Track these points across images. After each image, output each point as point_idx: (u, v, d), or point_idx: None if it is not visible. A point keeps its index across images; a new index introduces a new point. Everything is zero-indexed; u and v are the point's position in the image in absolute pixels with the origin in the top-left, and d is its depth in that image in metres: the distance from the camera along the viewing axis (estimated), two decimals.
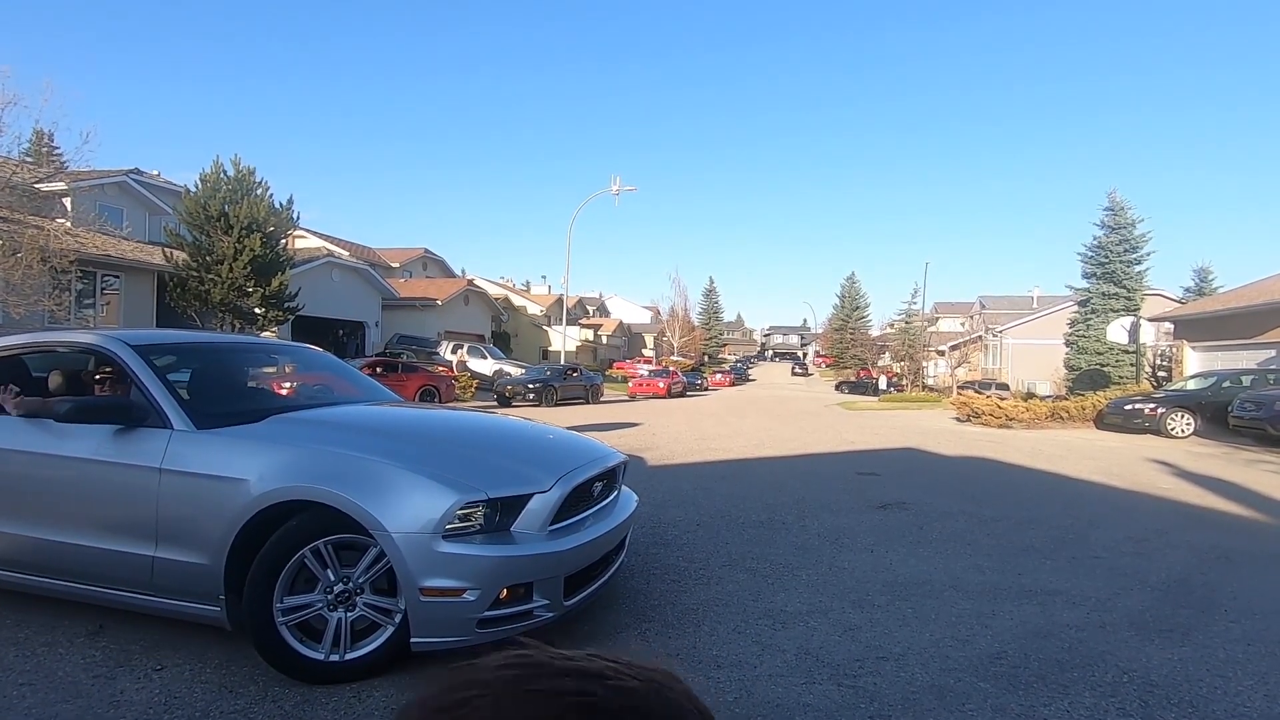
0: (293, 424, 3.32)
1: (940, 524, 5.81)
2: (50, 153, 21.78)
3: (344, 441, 3.05)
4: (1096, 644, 3.29)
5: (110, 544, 2.97)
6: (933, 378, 44.35)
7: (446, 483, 2.77)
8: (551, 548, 2.89)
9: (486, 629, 2.73)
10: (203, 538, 2.82)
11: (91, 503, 3.05)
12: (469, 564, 2.67)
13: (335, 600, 2.75)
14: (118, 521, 2.99)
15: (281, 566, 2.71)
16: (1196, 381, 17.02)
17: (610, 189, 29.55)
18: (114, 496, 3.02)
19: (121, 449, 3.02)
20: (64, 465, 3.09)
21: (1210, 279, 38.98)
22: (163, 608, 2.97)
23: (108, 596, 3.04)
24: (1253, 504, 7.15)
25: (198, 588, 2.85)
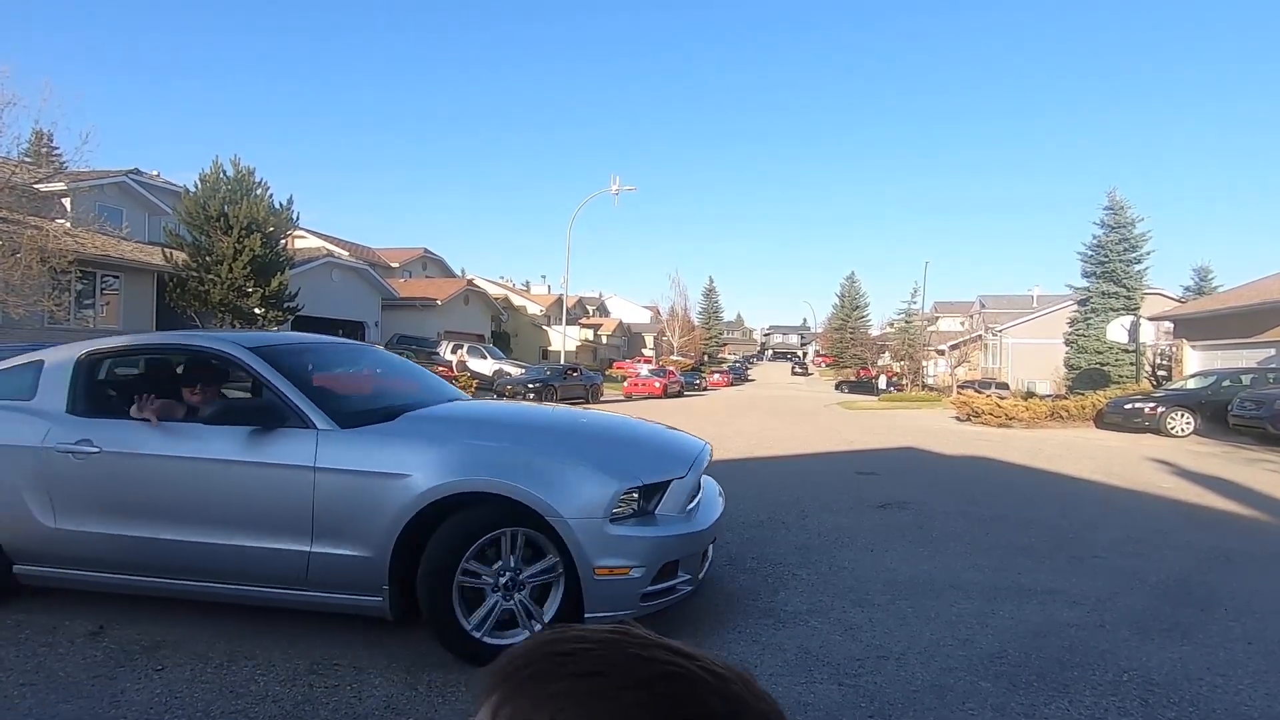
0: (429, 422, 3.43)
1: (940, 523, 5.81)
2: (49, 153, 21.78)
3: (493, 437, 3.31)
4: (1097, 643, 3.29)
5: (264, 543, 3.03)
6: (932, 377, 44.36)
7: (608, 471, 3.02)
8: (692, 527, 3.17)
9: (647, 603, 2.97)
10: (365, 532, 2.92)
11: (244, 504, 3.09)
12: (634, 544, 2.92)
13: (502, 587, 2.93)
14: (272, 521, 3.04)
15: (460, 556, 2.87)
16: (1196, 380, 17.02)
17: (610, 189, 29.56)
18: (267, 496, 3.07)
19: (268, 450, 3.08)
20: (213, 468, 3.13)
21: (1210, 278, 39.00)
22: (317, 601, 3.08)
23: (259, 595, 3.12)
24: (1253, 503, 7.15)
25: (359, 580, 2.96)
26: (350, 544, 2.94)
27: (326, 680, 2.72)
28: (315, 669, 2.81)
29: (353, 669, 2.82)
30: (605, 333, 58.95)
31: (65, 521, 3.18)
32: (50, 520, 3.18)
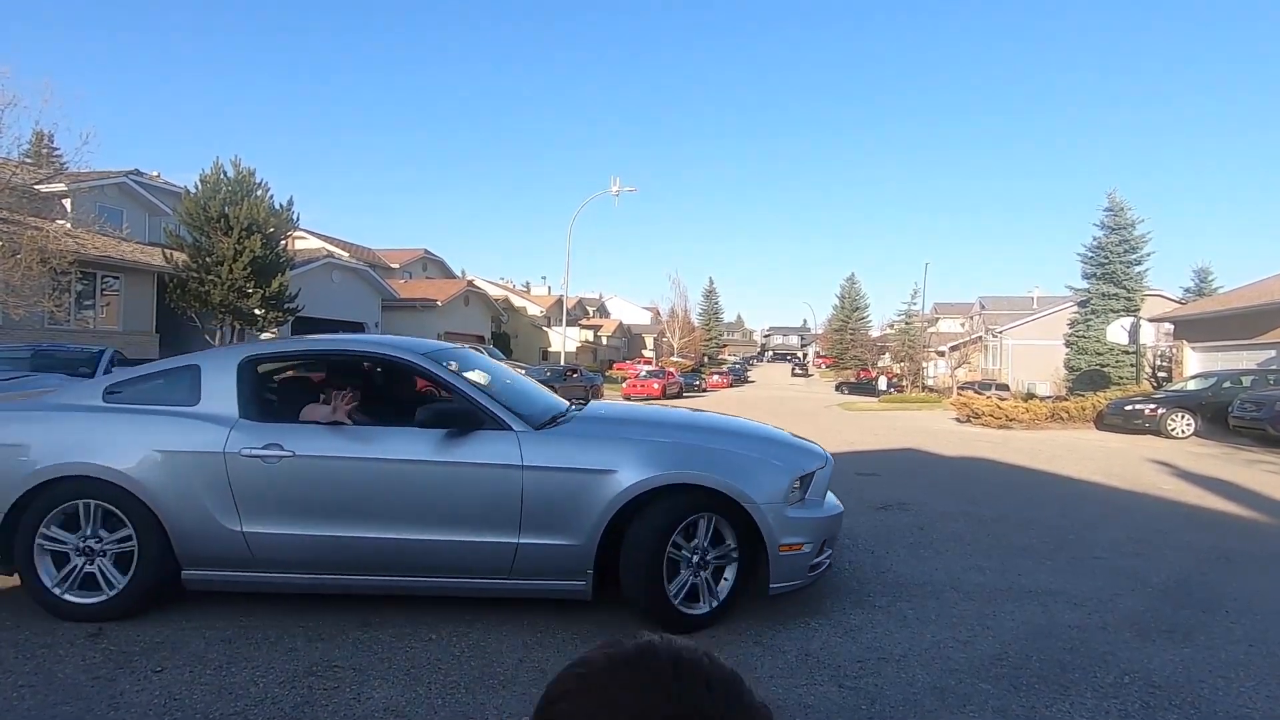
0: (603, 423, 3.89)
1: (940, 525, 5.80)
2: (50, 154, 21.81)
3: (676, 435, 3.75)
4: (1098, 645, 3.29)
5: (472, 537, 3.26)
6: (932, 378, 44.35)
7: (782, 462, 3.57)
8: (836, 510, 3.75)
9: (812, 574, 3.51)
10: (575, 523, 3.24)
11: (450, 501, 3.29)
12: (804, 525, 3.42)
13: (694, 565, 3.34)
14: (481, 516, 3.28)
15: (668, 538, 3.26)
16: (1196, 382, 17.02)
17: (610, 190, 29.56)
18: (476, 494, 3.30)
19: (473, 451, 3.31)
20: (413, 469, 3.31)
21: (1210, 279, 38.99)
22: (519, 589, 3.38)
23: (461, 586, 3.37)
24: (1253, 504, 7.14)
25: (564, 566, 3.28)
26: (559, 534, 3.24)
27: (325, 682, 2.72)
28: (314, 671, 2.80)
29: (352, 671, 2.82)
30: (605, 334, 58.96)
31: (251, 524, 3.25)
32: (235, 524, 3.24)
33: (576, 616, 3.49)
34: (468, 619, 3.39)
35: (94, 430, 3.37)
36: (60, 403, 3.58)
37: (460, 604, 3.57)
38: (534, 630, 3.29)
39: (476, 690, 2.69)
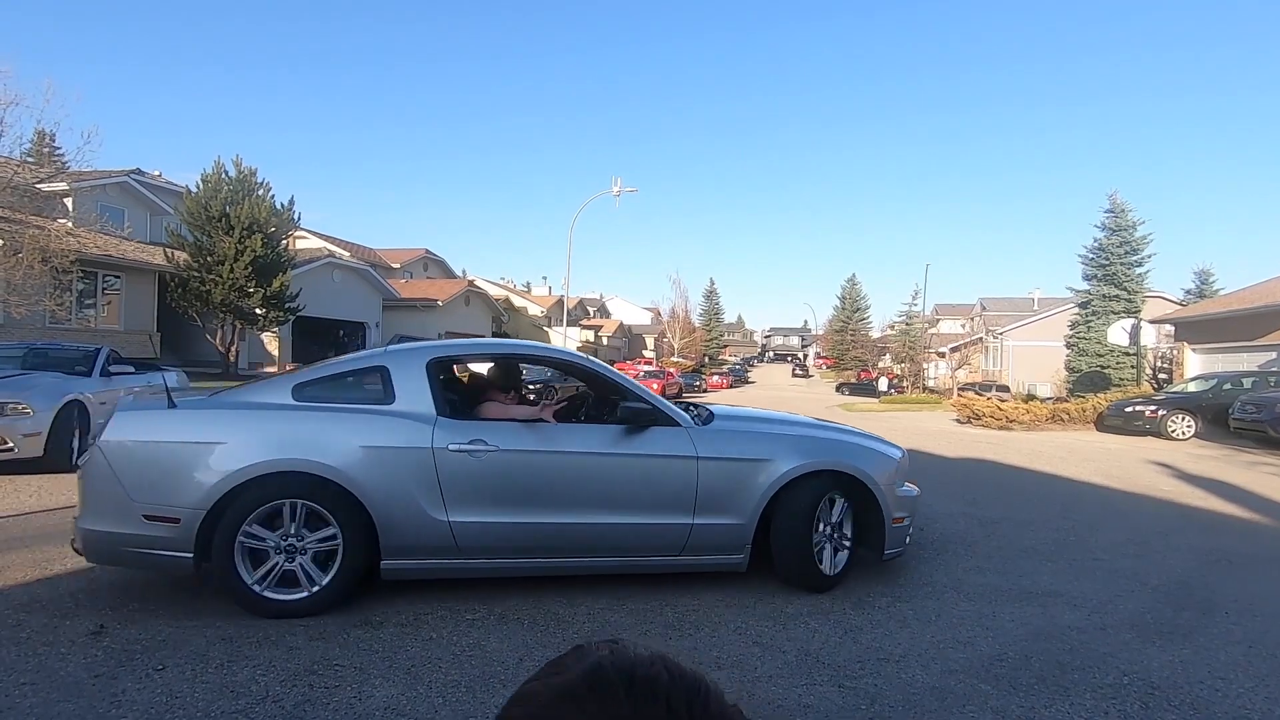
0: (740, 420, 4.35)
1: (941, 525, 5.80)
2: (52, 153, 21.82)
3: (809, 430, 4.32)
4: (1097, 646, 3.29)
5: (654, 520, 3.72)
6: (933, 379, 44.33)
7: (891, 449, 4.35)
8: (915, 492, 4.43)
9: (906, 542, 4.32)
10: (740, 505, 3.79)
11: (635, 489, 3.74)
12: (905, 501, 4.20)
13: (824, 533, 3.95)
14: (662, 501, 3.74)
15: (814, 512, 3.87)
16: (1197, 384, 17.01)
17: (611, 190, 29.56)
18: (659, 482, 3.77)
19: (654, 444, 3.77)
20: (601, 461, 3.73)
21: (1211, 281, 38.97)
22: (688, 565, 3.88)
23: (639, 565, 3.83)
24: (1254, 506, 7.14)
25: (728, 543, 3.83)
26: (727, 515, 3.78)
27: (327, 680, 2.72)
28: (315, 669, 2.81)
29: (353, 669, 2.82)
30: (606, 334, 58.96)
31: (457, 514, 3.47)
32: (442, 514, 3.45)
33: (576, 616, 3.49)
34: (468, 619, 3.40)
35: (299, 428, 3.44)
36: (251, 401, 3.60)
37: (460, 603, 3.58)
38: (535, 629, 3.30)
39: (477, 689, 2.69)
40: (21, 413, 6.48)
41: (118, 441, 3.29)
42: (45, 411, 6.62)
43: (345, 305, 28.20)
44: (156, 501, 3.25)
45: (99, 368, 7.89)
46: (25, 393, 6.63)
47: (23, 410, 6.49)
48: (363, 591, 3.78)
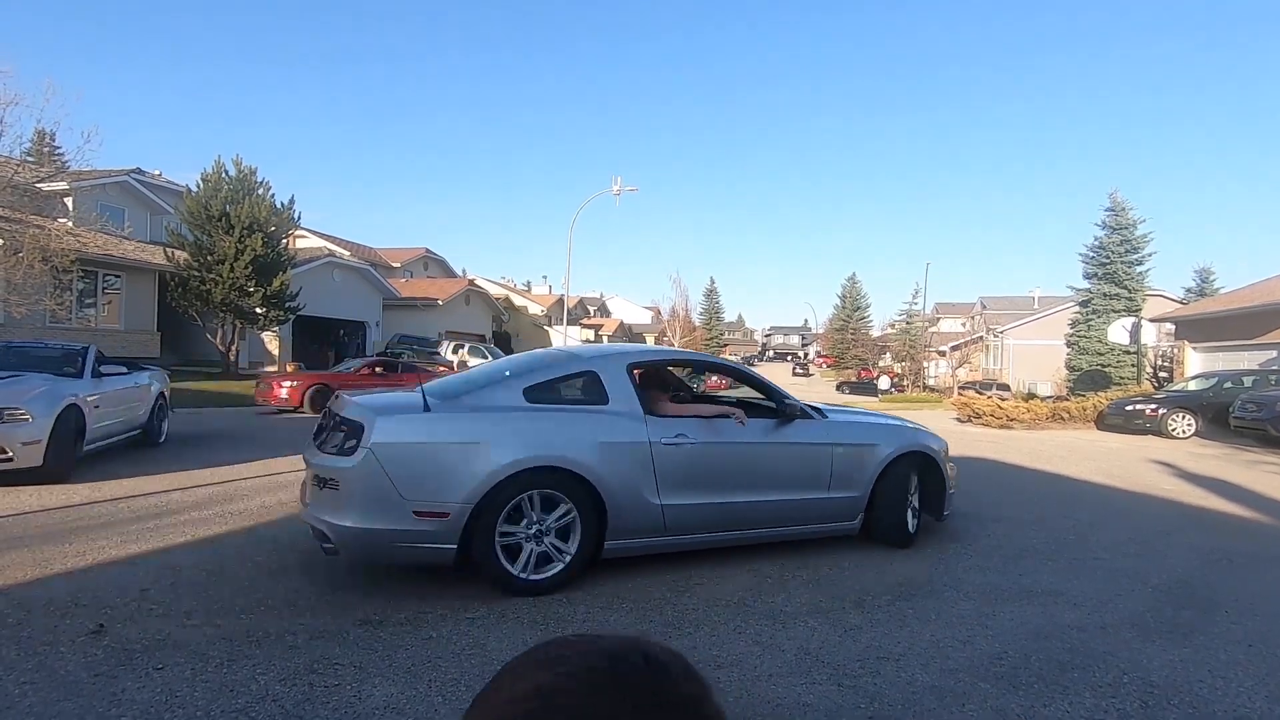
0: (842, 413, 5.39)
1: (940, 524, 5.80)
2: (52, 152, 21.80)
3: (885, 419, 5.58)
4: (1097, 645, 3.29)
5: (807, 495, 4.62)
6: (934, 378, 44.32)
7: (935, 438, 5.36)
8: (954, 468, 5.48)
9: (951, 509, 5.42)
10: (857, 481, 4.76)
11: (794, 471, 4.61)
12: (954, 474, 5.41)
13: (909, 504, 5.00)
14: (812, 480, 4.65)
15: (909, 485, 4.99)
16: (1198, 382, 17.00)
17: (611, 189, 29.54)
18: (809, 464, 4.65)
19: (804, 434, 4.66)
20: (768, 449, 4.56)
21: (1212, 279, 38.97)
22: (818, 531, 4.79)
23: (786, 534, 4.68)
24: (1254, 505, 7.14)
25: (847, 513, 4.80)
26: (849, 490, 4.74)
27: (326, 679, 2.72)
28: (315, 668, 2.81)
29: (353, 668, 2.82)
30: (606, 333, 58.95)
31: (667, 498, 4.08)
32: (655, 499, 4.04)
33: (576, 615, 3.50)
34: (468, 617, 3.40)
35: (541, 426, 3.89)
36: (496, 404, 3.98)
37: (460, 602, 3.58)
38: (534, 629, 3.30)
39: (476, 688, 2.67)
40: (20, 419, 5.91)
41: (388, 444, 3.52)
42: (45, 417, 6.04)
43: (345, 304, 28.18)
44: (426, 499, 3.52)
45: (89, 368, 7.31)
46: (22, 396, 6.04)
47: (21, 416, 5.92)
48: (363, 592, 3.78)
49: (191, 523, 5.06)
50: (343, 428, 3.67)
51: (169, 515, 5.26)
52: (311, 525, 3.65)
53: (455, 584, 3.87)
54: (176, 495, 5.99)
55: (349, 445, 3.57)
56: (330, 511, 3.55)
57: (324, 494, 3.62)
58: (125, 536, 4.62)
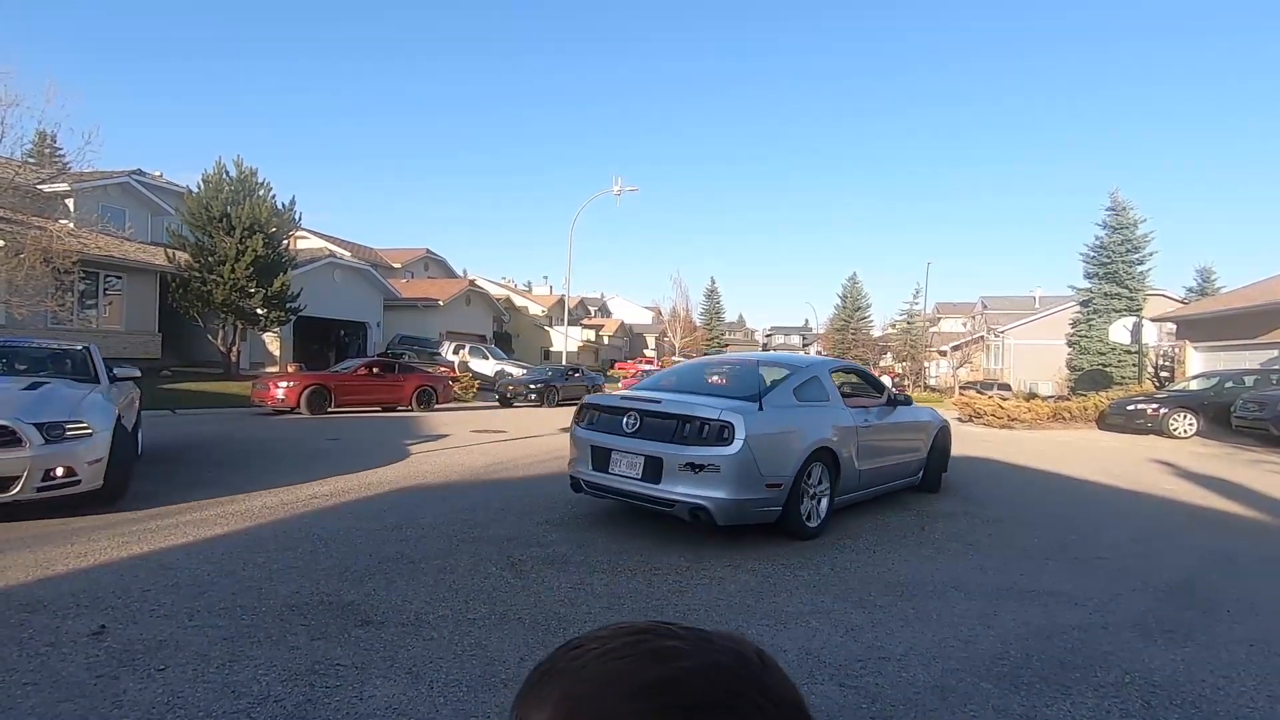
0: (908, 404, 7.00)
1: (942, 524, 5.80)
2: (53, 154, 21.85)
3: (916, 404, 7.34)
4: (1099, 645, 3.28)
5: (904, 458, 6.57)
6: (935, 378, 44.29)
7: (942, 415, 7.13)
8: None
9: None
10: (923, 447, 6.90)
11: (909, 442, 6.69)
12: None
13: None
14: (915, 449, 6.80)
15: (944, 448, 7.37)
16: (1199, 382, 16.99)
17: (612, 189, 29.55)
18: (908, 435, 6.69)
19: (911, 416, 6.80)
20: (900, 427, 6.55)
21: (1213, 279, 38.94)
22: (905, 484, 6.73)
23: (890, 488, 6.47)
24: (1256, 505, 7.13)
25: (917, 470, 6.90)
26: (919, 453, 6.86)
27: (328, 680, 2.72)
28: (316, 669, 2.81)
29: (354, 669, 2.82)
30: (607, 333, 58.97)
31: (861, 464, 5.76)
32: (856, 466, 5.68)
33: (577, 616, 3.49)
34: (470, 618, 3.40)
35: (813, 417, 5.46)
36: (784, 403, 5.35)
37: (461, 603, 3.58)
38: (536, 629, 3.30)
39: (478, 689, 2.69)
40: (83, 434, 4.98)
41: (755, 435, 4.76)
42: (105, 430, 5.16)
43: (346, 305, 28.20)
44: (773, 473, 4.85)
45: (103, 371, 6.53)
46: (78, 407, 5.14)
47: (84, 431, 4.99)
48: (364, 592, 3.78)
49: (192, 524, 5.06)
50: (700, 429, 4.81)
51: (169, 516, 5.26)
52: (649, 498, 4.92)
53: (454, 586, 3.87)
54: (176, 496, 5.99)
55: (725, 437, 4.72)
56: (709, 488, 4.68)
57: (700, 475, 4.71)
58: (126, 537, 4.62)
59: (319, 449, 9.42)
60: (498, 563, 4.35)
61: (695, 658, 0.46)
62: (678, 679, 0.44)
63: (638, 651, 0.47)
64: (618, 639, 0.48)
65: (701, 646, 0.47)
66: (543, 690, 0.47)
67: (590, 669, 0.46)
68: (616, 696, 0.44)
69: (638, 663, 0.46)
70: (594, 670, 0.46)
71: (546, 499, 6.38)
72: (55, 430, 4.85)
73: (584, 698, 0.45)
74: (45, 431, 4.80)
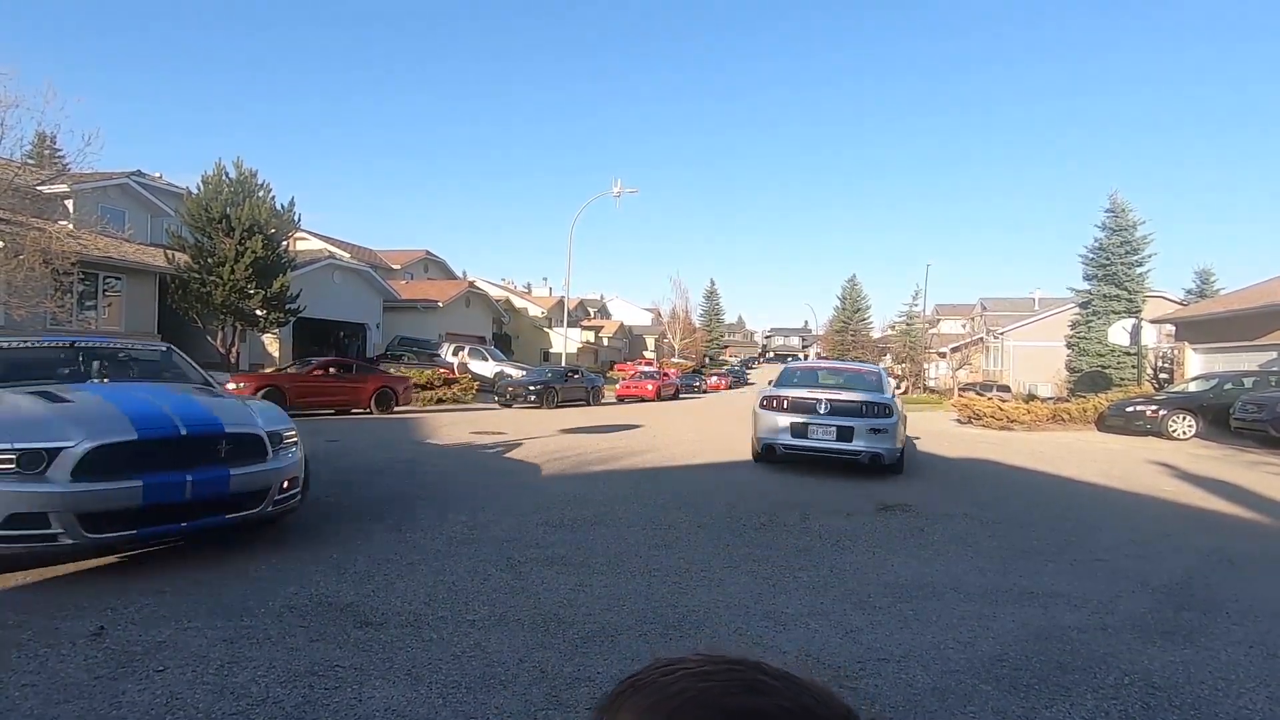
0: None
1: (941, 526, 5.80)
2: (53, 155, 21.83)
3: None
4: (1098, 646, 3.28)
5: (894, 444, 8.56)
6: (934, 379, 44.32)
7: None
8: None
9: None
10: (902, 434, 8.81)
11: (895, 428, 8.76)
12: None
13: None
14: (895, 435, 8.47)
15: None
16: (1198, 383, 16.99)
17: (611, 191, 29.58)
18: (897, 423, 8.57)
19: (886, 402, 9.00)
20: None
21: (1212, 281, 39.00)
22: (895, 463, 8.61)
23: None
24: (1255, 506, 7.13)
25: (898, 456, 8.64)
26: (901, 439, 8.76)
27: (327, 682, 2.72)
28: (315, 671, 2.81)
29: (353, 670, 2.82)
30: (606, 334, 58.97)
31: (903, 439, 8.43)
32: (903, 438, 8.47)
33: (576, 617, 3.49)
34: (468, 619, 3.40)
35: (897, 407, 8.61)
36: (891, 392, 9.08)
37: (460, 604, 3.58)
38: (534, 630, 3.30)
39: (477, 690, 2.69)
40: (294, 444, 4.68)
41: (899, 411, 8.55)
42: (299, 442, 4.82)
43: (346, 306, 28.19)
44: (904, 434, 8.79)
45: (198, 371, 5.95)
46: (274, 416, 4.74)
47: (292, 439, 4.68)
48: (363, 594, 3.78)
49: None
50: (875, 409, 8.29)
51: None
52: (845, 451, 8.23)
53: (454, 588, 3.87)
54: None
55: (886, 413, 8.31)
56: (883, 443, 8.14)
57: (876, 436, 8.12)
58: None
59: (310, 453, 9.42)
60: (496, 563, 4.35)
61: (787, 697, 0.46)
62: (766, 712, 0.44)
63: (732, 679, 0.47)
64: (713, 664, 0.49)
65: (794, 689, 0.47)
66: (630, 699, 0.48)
67: (681, 685, 0.47)
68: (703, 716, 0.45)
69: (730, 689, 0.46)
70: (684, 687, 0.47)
71: (548, 499, 6.38)
72: (278, 440, 4.53)
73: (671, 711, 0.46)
74: (273, 441, 4.48)
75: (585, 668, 2.90)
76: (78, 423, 3.76)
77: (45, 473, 3.51)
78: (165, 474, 3.84)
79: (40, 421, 3.76)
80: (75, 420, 3.79)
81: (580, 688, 2.72)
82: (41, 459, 3.52)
